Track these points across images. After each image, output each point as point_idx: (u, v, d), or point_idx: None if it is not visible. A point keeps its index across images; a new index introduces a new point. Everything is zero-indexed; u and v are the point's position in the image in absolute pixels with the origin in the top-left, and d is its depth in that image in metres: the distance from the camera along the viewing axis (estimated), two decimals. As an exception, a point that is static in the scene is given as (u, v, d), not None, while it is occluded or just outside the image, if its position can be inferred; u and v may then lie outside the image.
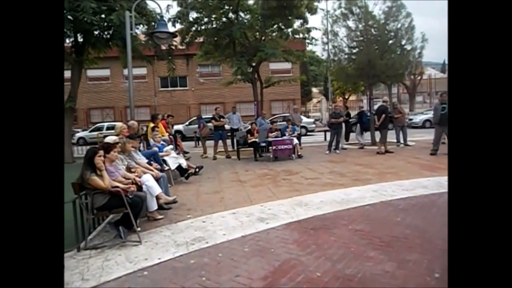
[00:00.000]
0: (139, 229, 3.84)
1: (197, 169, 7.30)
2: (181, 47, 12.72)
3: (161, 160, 6.15)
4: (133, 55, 8.25)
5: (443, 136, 9.33)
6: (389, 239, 3.41)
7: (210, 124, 11.11)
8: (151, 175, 4.60)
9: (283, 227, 3.91)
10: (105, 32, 10.54)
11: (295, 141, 9.65)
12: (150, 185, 4.34)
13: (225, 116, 11.53)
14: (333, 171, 7.37)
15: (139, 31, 10.76)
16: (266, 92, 14.27)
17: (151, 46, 10.98)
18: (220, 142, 10.58)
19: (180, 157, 7.05)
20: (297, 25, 12.20)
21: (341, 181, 6.29)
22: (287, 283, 2.63)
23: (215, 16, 11.64)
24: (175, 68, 12.60)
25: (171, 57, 12.08)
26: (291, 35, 12.24)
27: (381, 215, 4.23)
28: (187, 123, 20.45)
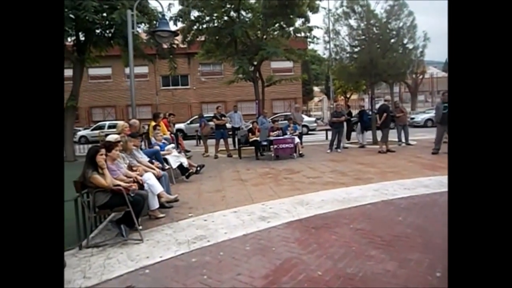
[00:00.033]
0: (140, 227, 3.85)
1: (198, 168, 7.32)
2: (183, 46, 12.74)
3: (163, 158, 6.16)
4: (135, 54, 8.25)
5: (445, 135, 9.30)
6: (390, 238, 3.40)
7: (211, 123, 11.11)
8: (153, 173, 4.62)
9: (284, 226, 3.92)
10: (107, 30, 10.56)
11: (297, 140, 9.65)
12: (151, 183, 4.36)
13: (226, 115, 11.54)
14: (335, 170, 7.37)
15: (140, 29, 10.80)
16: (267, 91, 14.27)
17: (153, 44, 10.98)
18: (221, 141, 10.60)
19: (181, 156, 7.06)
20: (298, 23, 12.22)
21: (342, 180, 6.28)
22: (288, 282, 2.63)
23: (216, 14, 11.64)
24: (177, 66, 12.62)
25: (173, 56, 12.10)
26: (292, 33, 12.25)
27: (383, 214, 4.23)
28: (189, 122, 20.49)
